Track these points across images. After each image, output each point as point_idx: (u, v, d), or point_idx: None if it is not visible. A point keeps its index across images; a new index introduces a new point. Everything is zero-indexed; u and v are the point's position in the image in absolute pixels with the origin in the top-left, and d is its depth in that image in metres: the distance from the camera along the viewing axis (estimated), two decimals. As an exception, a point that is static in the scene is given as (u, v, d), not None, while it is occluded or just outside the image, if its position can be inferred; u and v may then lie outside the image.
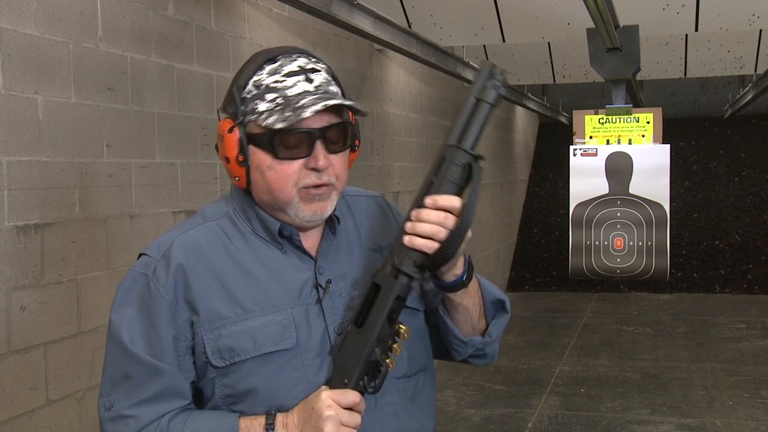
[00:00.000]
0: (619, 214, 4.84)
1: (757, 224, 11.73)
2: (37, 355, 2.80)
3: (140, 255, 1.46)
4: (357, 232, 1.53)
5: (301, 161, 1.39)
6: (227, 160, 1.43)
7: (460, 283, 1.42)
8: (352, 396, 1.34)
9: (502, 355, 1.64)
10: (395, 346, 1.39)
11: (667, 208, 4.80)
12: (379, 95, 6.15)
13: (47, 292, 2.84)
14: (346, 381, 1.36)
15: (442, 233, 1.34)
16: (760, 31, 6.70)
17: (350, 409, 1.34)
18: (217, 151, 1.47)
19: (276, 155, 1.39)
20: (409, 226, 1.36)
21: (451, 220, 1.35)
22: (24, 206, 2.73)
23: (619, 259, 4.88)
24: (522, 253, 12.21)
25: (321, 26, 4.94)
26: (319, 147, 1.39)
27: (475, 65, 7.09)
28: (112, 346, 1.41)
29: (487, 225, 9.89)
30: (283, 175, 1.40)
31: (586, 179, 4.87)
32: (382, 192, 6.09)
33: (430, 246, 1.34)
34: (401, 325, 1.40)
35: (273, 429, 1.34)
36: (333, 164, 1.42)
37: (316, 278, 1.45)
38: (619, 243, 4.87)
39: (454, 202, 1.35)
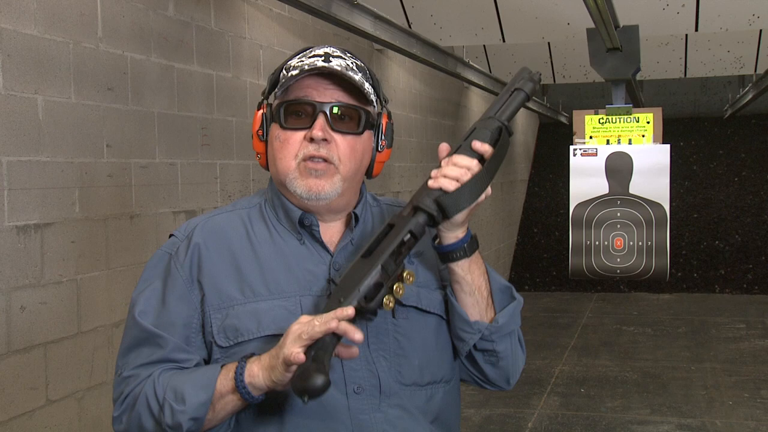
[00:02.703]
0: (619, 214, 4.84)
1: (757, 224, 11.73)
2: (37, 355, 2.80)
3: (170, 236, 1.53)
4: None
5: (303, 132, 1.43)
6: (252, 137, 1.51)
7: (461, 249, 1.42)
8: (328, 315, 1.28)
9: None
10: (396, 286, 1.33)
11: (667, 208, 4.80)
12: (379, 95, 6.15)
13: (47, 292, 2.84)
14: (341, 300, 1.31)
15: (467, 176, 1.37)
16: (760, 31, 6.70)
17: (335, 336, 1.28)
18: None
19: (282, 125, 1.45)
20: (434, 172, 1.39)
21: (477, 169, 1.38)
22: (24, 206, 2.73)
23: (619, 259, 4.88)
24: (522, 253, 12.21)
25: (321, 26, 4.94)
26: (320, 118, 1.42)
27: (475, 65, 7.09)
28: (128, 319, 1.47)
29: (487, 225, 9.88)
30: (285, 144, 1.44)
31: (586, 179, 4.87)
32: (382, 192, 6.09)
33: (455, 185, 1.36)
34: (406, 270, 1.35)
35: (245, 362, 1.34)
36: (336, 143, 1.44)
37: (329, 273, 1.45)
38: (619, 243, 4.86)
39: (484, 152, 1.39)
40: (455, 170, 1.37)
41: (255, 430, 1.41)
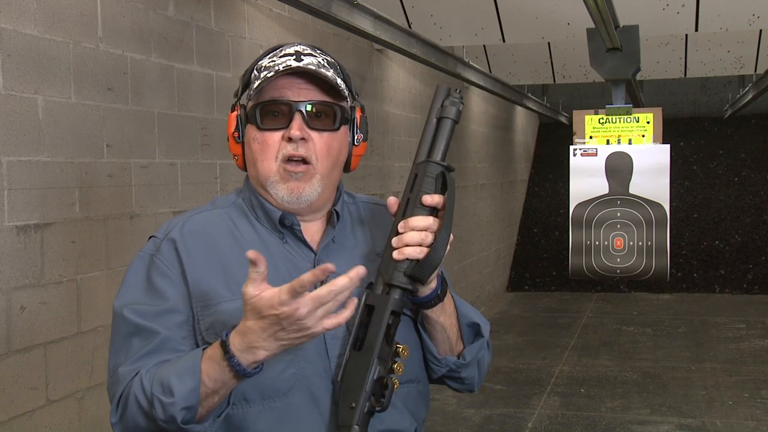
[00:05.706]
0: (619, 214, 4.84)
1: (757, 224, 11.73)
2: (37, 355, 2.80)
3: (150, 238, 1.51)
4: (364, 236, 1.55)
5: (281, 132, 1.45)
6: (227, 138, 1.52)
7: (435, 297, 1.44)
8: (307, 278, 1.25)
9: (501, 355, 1.62)
10: (395, 366, 1.39)
11: (667, 208, 4.80)
12: (379, 95, 6.15)
13: (47, 292, 2.84)
14: (353, 405, 1.34)
15: (430, 238, 1.37)
16: (760, 31, 6.70)
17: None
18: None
19: (259, 126, 1.46)
20: (395, 241, 1.38)
21: (436, 225, 1.38)
22: (24, 206, 2.73)
23: (619, 259, 4.88)
24: (522, 253, 12.21)
25: (321, 26, 4.94)
26: (297, 118, 1.44)
27: (475, 65, 7.09)
28: (114, 323, 1.45)
29: (487, 225, 9.88)
30: (264, 146, 1.46)
31: (586, 179, 4.87)
32: (382, 192, 6.09)
33: (420, 251, 1.36)
34: (399, 345, 1.40)
35: (228, 339, 1.29)
36: (314, 141, 1.45)
37: None
38: (619, 243, 4.86)
39: (435, 204, 1.38)
40: (416, 236, 1.37)
41: (246, 428, 1.41)
